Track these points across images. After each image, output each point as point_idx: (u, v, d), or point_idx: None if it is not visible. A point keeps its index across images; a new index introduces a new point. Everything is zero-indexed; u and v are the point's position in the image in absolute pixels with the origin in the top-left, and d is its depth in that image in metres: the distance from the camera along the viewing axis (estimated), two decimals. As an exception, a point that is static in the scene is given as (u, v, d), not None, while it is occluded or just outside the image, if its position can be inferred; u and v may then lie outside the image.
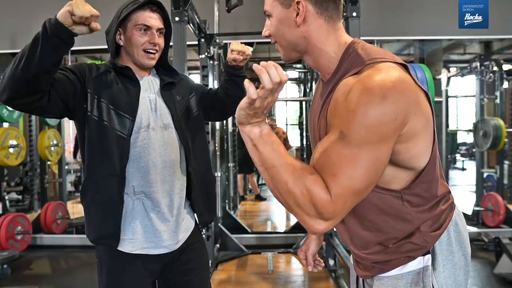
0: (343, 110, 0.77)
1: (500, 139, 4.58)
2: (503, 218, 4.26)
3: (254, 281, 3.17)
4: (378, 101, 0.74)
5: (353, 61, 0.85)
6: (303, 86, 5.77)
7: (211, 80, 3.52)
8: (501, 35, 4.47)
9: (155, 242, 1.29)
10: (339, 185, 0.75)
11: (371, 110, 0.74)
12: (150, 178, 1.27)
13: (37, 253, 3.98)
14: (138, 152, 1.26)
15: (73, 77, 1.22)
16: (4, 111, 3.88)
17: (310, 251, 1.19)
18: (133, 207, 1.27)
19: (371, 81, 0.76)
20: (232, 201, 5.54)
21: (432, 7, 3.95)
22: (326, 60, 0.90)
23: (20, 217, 3.96)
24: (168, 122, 1.32)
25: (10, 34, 4.33)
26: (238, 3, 2.76)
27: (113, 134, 1.23)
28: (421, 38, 4.90)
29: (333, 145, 0.77)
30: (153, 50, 1.29)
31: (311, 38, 0.89)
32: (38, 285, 3.12)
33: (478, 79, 4.89)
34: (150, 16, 1.28)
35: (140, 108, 1.27)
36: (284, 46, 0.93)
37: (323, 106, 0.90)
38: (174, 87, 1.39)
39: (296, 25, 0.88)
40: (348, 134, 0.75)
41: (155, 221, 1.28)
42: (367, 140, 0.75)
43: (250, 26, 3.94)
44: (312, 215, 0.77)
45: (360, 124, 0.74)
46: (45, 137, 4.55)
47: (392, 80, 0.76)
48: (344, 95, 0.78)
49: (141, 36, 1.27)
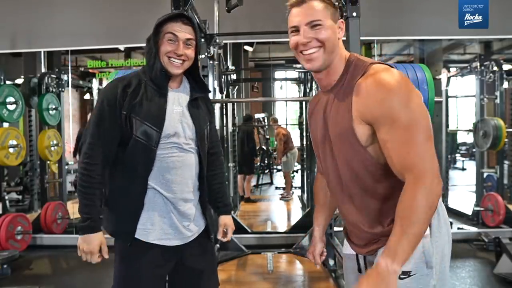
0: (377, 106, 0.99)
1: (500, 139, 4.58)
2: (503, 218, 4.26)
3: (254, 281, 3.16)
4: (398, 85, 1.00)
5: (357, 65, 1.08)
6: (303, 86, 5.76)
7: (211, 80, 3.51)
8: (501, 35, 4.48)
9: (171, 234, 1.41)
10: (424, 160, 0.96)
11: (401, 88, 1.00)
12: (170, 178, 1.39)
13: (37, 253, 3.98)
14: (162, 155, 1.38)
15: (114, 122, 1.35)
16: (4, 111, 3.88)
17: (316, 251, 1.38)
18: (154, 201, 1.39)
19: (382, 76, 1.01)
20: (232, 201, 5.54)
21: (432, 7, 3.95)
22: (337, 70, 1.12)
23: (20, 217, 3.96)
24: (190, 134, 1.43)
25: (10, 34, 4.34)
26: (238, 3, 2.76)
27: (142, 145, 1.35)
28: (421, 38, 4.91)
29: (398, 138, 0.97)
30: (177, 60, 1.37)
31: (339, 51, 1.12)
32: (38, 285, 3.12)
33: (478, 79, 4.89)
34: (179, 27, 1.37)
35: (167, 120, 1.38)
36: (329, 52, 1.09)
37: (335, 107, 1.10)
38: (201, 104, 1.51)
39: (337, 39, 1.11)
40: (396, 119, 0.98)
41: (172, 215, 1.41)
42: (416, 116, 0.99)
43: (250, 26, 3.95)
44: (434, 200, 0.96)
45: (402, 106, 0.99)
46: (45, 137, 4.55)
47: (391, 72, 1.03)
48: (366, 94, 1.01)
49: (168, 45, 1.36)
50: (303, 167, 6.29)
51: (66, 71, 4.95)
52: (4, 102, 3.89)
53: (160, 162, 1.38)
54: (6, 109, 3.89)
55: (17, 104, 4.01)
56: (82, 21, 4.23)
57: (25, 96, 4.33)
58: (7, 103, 3.91)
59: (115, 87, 1.37)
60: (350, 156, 1.08)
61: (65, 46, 4.58)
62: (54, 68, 4.93)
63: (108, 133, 1.35)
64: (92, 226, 1.34)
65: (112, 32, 4.27)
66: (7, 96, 3.93)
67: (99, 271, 3.44)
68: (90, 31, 4.25)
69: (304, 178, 6.06)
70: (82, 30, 4.22)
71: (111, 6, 4.26)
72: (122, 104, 1.35)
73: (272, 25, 4.07)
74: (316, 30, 1.08)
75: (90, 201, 1.34)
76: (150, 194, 1.39)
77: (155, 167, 1.37)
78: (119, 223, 1.41)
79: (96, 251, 1.35)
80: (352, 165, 1.09)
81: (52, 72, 4.85)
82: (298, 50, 1.12)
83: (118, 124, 1.35)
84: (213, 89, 3.66)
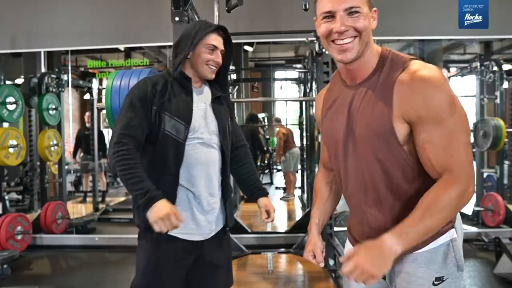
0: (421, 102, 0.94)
1: (500, 139, 4.58)
2: (503, 218, 4.26)
3: (254, 281, 3.16)
4: (442, 83, 0.95)
5: (394, 60, 1.01)
6: (303, 86, 5.76)
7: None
8: (501, 35, 4.48)
9: (193, 230, 1.48)
10: (461, 160, 0.94)
11: (445, 88, 0.95)
12: (195, 173, 1.47)
13: (37, 253, 3.98)
14: (188, 151, 1.46)
15: (144, 115, 1.42)
16: (4, 111, 3.88)
17: (318, 249, 1.24)
18: (179, 196, 1.46)
19: (426, 72, 0.96)
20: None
21: (432, 7, 3.95)
22: (370, 63, 1.04)
23: (20, 217, 3.96)
24: (214, 129, 1.53)
25: (10, 34, 4.34)
26: (238, 3, 2.76)
27: (171, 139, 1.43)
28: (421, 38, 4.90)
29: (439, 134, 0.94)
30: (214, 67, 1.52)
31: (372, 41, 1.04)
32: (38, 285, 3.12)
33: (478, 79, 4.89)
34: (217, 38, 1.52)
35: (194, 115, 1.48)
36: (364, 43, 1.01)
37: (368, 104, 1.02)
38: (222, 102, 1.62)
39: (371, 29, 1.02)
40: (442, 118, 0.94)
41: (195, 211, 1.48)
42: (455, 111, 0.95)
43: (250, 26, 3.95)
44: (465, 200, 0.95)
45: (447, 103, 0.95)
46: (45, 137, 4.54)
47: (434, 69, 0.98)
48: (410, 90, 0.95)
49: (209, 53, 1.50)
50: (303, 167, 6.28)
51: (66, 71, 4.95)
52: (4, 102, 3.89)
53: (186, 157, 1.45)
54: (6, 109, 3.89)
55: (17, 104, 4.00)
56: (82, 21, 4.23)
57: (25, 96, 4.32)
58: (7, 103, 3.91)
59: (145, 85, 1.46)
60: (384, 155, 1.01)
61: (65, 46, 4.58)
62: (54, 68, 4.93)
63: (139, 125, 1.40)
64: (153, 195, 1.29)
65: (112, 32, 4.27)
66: (7, 96, 3.93)
67: (99, 271, 3.45)
68: (90, 31, 4.25)
69: (304, 178, 6.06)
70: (82, 30, 4.22)
71: (111, 6, 4.26)
72: (153, 100, 1.43)
73: (272, 25, 4.08)
74: (354, 18, 0.98)
75: (138, 178, 1.32)
76: (176, 188, 1.45)
77: (183, 162, 1.44)
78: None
79: (172, 211, 1.27)
80: (385, 165, 1.02)
81: (52, 72, 4.84)
82: (329, 39, 1.02)
83: (148, 118, 1.42)
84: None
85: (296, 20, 3.77)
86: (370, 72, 1.03)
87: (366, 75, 1.04)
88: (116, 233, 4.45)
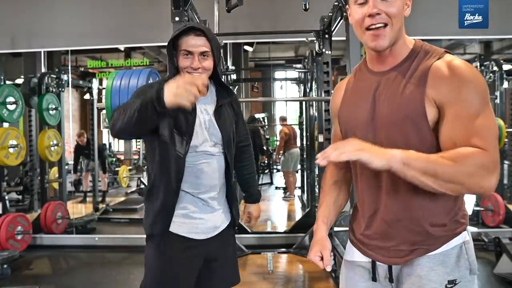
0: (458, 85, 0.92)
1: (500, 139, 4.58)
2: (503, 218, 4.26)
3: (254, 281, 3.16)
4: (480, 77, 0.95)
5: (429, 51, 1.01)
6: (303, 86, 5.76)
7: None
8: (501, 35, 4.48)
9: (199, 229, 1.48)
10: (490, 140, 0.91)
11: (480, 79, 0.94)
12: (199, 182, 1.46)
13: (37, 253, 3.98)
14: (191, 162, 1.44)
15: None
16: (4, 111, 3.88)
17: (327, 250, 1.11)
18: (186, 199, 1.46)
19: (464, 64, 0.95)
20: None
21: (432, 7, 3.95)
22: (401, 52, 1.03)
23: (20, 217, 3.96)
24: (217, 140, 1.48)
25: (10, 34, 4.33)
26: (238, 3, 2.76)
27: (173, 153, 1.40)
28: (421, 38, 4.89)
29: (468, 114, 0.91)
30: (196, 73, 1.39)
31: (404, 29, 1.02)
32: (38, 285, 3.12)
33: (478, 79, 4.88)
34: (193, 40, 1.38)
35: (196, 128, 1.43)
36: (396, 30, 0.99)
37: (397, 89, 1.00)
38: (227, 108, 1.55)
39: (403, 15, 1.00)
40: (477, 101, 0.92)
41: (201, 211, 1.48)
42: (487, 100, 0.95)
43: (250, 26, 3.95)
44: (484, 175, 0.89)
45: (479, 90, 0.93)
46: (45, 137, 4.54)
47: (471, 65, 0.97)
48: (449, 73, 0.94)
49: (185, 60, 1.40)
50: (303, 167, 6.28)
51: (66, 71, 4.95)
52: (4, 102, 3.89)
53: (191, 168, 1.44)
54: (6, 109, 3.89)
55: (17, 104, 4.01)
56: (82, 21, 4.24)
57: (25, 96, 4.33)
58: (7, 103, 3.91)
59: (156, 84, 1.44)
60: (414, 141, 0.96)
61: (65, 46, 4.58)
62: (54, 68, 4.93)
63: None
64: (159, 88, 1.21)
65: (112, 32, 4.27)
66: (7, 96, 3.93)
67: (99, 271, 3.44)
68: (90, 31, 4.25)
69: (304, 178, 6.06)
70: (82, 30, 4.22)
71: (111, 6, 4.26)
72: None
73: (272, 25, 4.08)
74: (387, 2, 0.96)
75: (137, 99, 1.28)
76: (181, 193, 1.45)
77: (186, 172, 1.43)
78: (152, 225, 1.45)
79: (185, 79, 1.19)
80: (417, 147, 0.95)
81: (52, 72, 4.85)
82: (363, 27, 0.99)
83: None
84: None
85: (296, 20, 3.77)
86: (401, 59, 1.02)
87: (397, 62, 1.02)
88: (116, 233, 4.43)
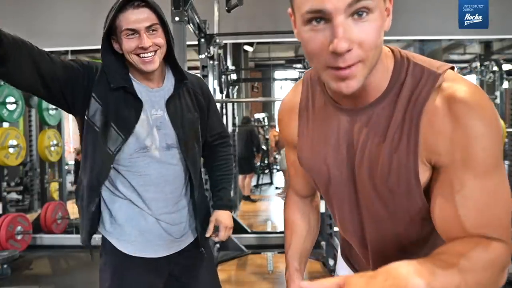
0: (464, 142, 0.63)
1: (500, 139, 4.58)
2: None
3: (254, 281, 3.17)
4: (495, 118, 0.64)
5: (418, 76, 0.67)
6: (303, 86, 5.76)
7: (211, 80, 3.52)
8: (501, 35, 4.47)
9: (157, 246, 1.27)
10: (505, 221, 0.65)
11: (494, 125, 0.63)
12: (149, 196, 1.23)
13: (37, 253, 3.97)
14: (137, 172, 1.21)
15: (78, 68, 1.15)
16: (4, 111, 3.88)
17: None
18: (134, 213, 1.24)
19: (472, 96, 0.63)
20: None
21: (432, 7, 3.95)
22: (383, 77, 0.69)
23: (20, 217, 3.96)
24: (172, 142, 1.24)
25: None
26: (238, 3, 2.76)
27: (103, 149, 1.17)
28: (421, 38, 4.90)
29: (478, 187, 0.64)
30: (147, 53, 1.15)
31: (382, 50, 0.67)
32: (38, 285, 3.12)
33: (478, 79, 4.89)
34: (134, 15, 1.12)
35: (140, 128, 1.19)
36: (373, 63, 0.64)
37: (379, 141, 0.70)
38: (186, 97, 1.28)
39: (383, 32, 0.63)
40: (482, 166, 0.64)
41: (157, 226, 1.26)
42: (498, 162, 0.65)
43: (250, 26, 3.95)
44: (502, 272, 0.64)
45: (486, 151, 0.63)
46: (45, 137, 4.54)
47: (480, 89, 0.65)
48: (450, 123, 0.64)
49: (130, 41, 1.14)
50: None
51: (66, 71, 4.94)
52: (4, 102, 3.89)
53: (136, 179, 1.21)
54: (6, 109, 3.89)
55: (17, 104, 4.00)
56: (82, 21, 4.23)
57: (25, 96, 4.32)
58: (7, 103, 3.91)
59: (90, 63, 1.20)
60: (401, 214, 0.74)
61: (65, 46, 4.58)
62: (54, 68, 4.92)
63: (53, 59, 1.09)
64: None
65: (112, 32, 4.27)
66: (7, 96, 3.93)
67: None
68: (90, 31, 4.24)
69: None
70: (82, 30, 4.22)
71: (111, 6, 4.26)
72: (95, 84, 1.16)
73: (272, 25, 4.08)
74: (362, 23, 0.59)
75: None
76: (130, 207, 1.23)
77: (132, 182, 1.21)
78: (80, 232, 1.28)
79: None
80: (399, 226, 0.77)
81: (52, 72, 4.84)
82: (322, 62, 0.62)
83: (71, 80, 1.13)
84: (213, 89, 3.66)
85: (296, 20, 3.76)
86: (381, 92, 0.69)
87: (374, 97, 0.70)
88: (116, 233, 4.43)
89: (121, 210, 1.25)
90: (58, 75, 1.09)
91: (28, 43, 1.02)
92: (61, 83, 1.10)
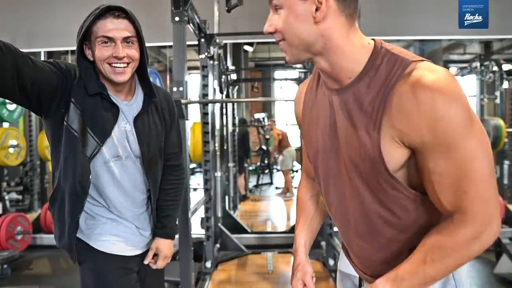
0: (430, 125, 0.70)
1: (500, 139, 4.58)
2: (503, 218, 4.26)
3: (254, 281, 3.17)
4: (463, 99, 0.71)
5: (392, 63, 0.76)
6: (303, 86, 5.76)
7: (211, 80, 3.51)
8: (501, 35, 4.48)
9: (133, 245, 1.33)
10: (475, 192, 0.72)
11: (461, 102, 0.70)
12: (120, 202, 1.28)
13: (37, 253, 3.97)
14: (111, 178, 1.24)
15: (57, 73, 1.14)
16: (4, 111, 3.88)
17: (308, 276, 1.04)
18: (108, 220, 1.29)
19: (436, 82, 0.70)
20: (232, 201, 5.54)
21: (432, 7, 3.95)
22: (350, 62, 0.79)
23: (20, 217, 3.96)
24: (138, 155, 1.27)
25: (10, 34, 4.33)
26: (238, 3, 2.76)
27: (80, 153, 1.17)
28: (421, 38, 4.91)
29: (449, 164, 0.71)
30: (120, 64, 1.15)
31: (332, 38, 0.77)
32: (38, 285, 3.13)
33: (478, 79, 4.90)
34: (113, 24, 1.13)
35: (114, 137, 1.21)
36: (295, 45, 0.80)
37: (350, 121, 0.80)
38: (154, 114, 1.31)
39: (314, 22, 0.76)
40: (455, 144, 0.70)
41: (130, 227, 1.32)
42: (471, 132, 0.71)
43: (250, 26, 3.94)
44: (475, 245, 0.74)
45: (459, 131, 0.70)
46: (45, 137, 4.54)
47: (449, 77, 0.72)
48: (415, 107, 0.71)
49: (104, 49, 1.14)
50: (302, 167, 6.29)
51: (66, 71, 4.94)
52: (4, 102, 3.88)
53: (110, 187, 1.25)
54: (6, 109, 3.89)
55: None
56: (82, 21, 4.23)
57: (25, 96, 4.33)
58: (7, 103, 3.91)
59: (68, 66, 1.19)
60: (374, 184, 0.81)
61: (65, 46, 4.58)
62: (54, 68, 4.92)
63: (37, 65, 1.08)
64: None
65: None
66: (7, 96, 3.93)
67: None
68: (90, 31, 4.25)
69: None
70: (82, 30, 4.22)
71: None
72: (73, 88, 1.16)
73: (272, 25, 4.08)
74: (277, 15, 0.82)
75: None
76: (102, 209, 1.28)
77: (103, 188, 1.24)
78: (59, 237, 1.31)
79: None
80: (376, 194, 0.82)
81: (52, 72, 4.84)
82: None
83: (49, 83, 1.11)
84: (213, 89, 3.66)
85: (296, 20, 3.76)
86: (357, 74, 0.79)
87: (351, 78, 0.80)
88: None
89: (98, 215, 1.28)
90: (38, 80, 1.09)
91: (12, 47, 1.01)
92: (40, 88, 1.10)
